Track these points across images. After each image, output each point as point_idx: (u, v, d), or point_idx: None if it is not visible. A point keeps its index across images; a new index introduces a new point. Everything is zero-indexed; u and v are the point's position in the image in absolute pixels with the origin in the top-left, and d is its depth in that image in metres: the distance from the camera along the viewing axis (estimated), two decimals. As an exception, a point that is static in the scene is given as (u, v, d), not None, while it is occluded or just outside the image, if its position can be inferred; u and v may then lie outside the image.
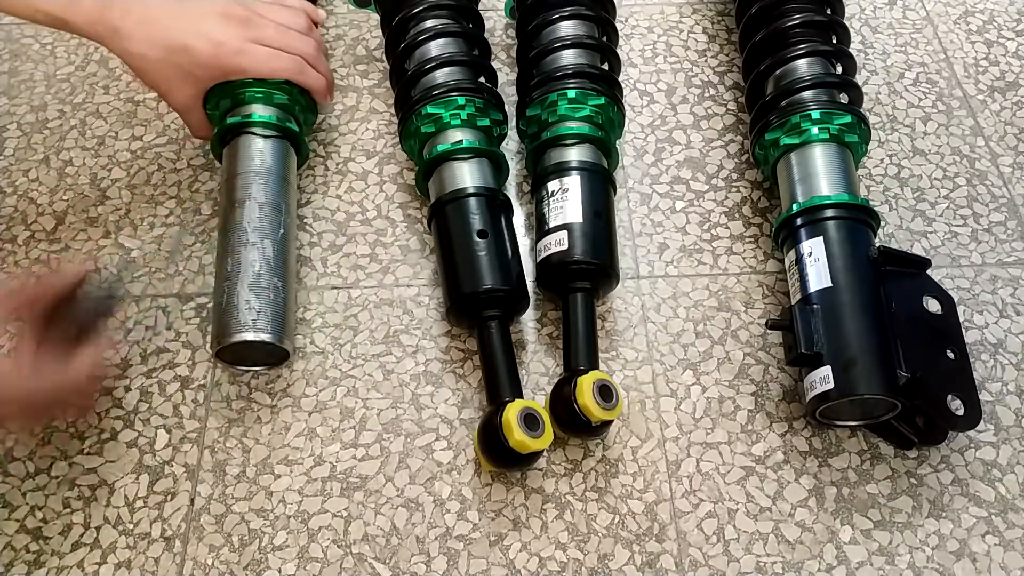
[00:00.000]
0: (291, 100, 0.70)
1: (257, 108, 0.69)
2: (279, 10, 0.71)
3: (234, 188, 0.66)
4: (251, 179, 0.66)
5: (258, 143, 0.68)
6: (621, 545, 0.57)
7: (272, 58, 0.68)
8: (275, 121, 0.69)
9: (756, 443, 0.61)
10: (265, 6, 0.70)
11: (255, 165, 0.67)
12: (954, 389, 0.58)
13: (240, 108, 0.69)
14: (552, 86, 0.69)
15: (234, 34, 0.67)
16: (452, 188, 0.66)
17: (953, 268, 0.69)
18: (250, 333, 0.60)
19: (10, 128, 0.79)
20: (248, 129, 0.68)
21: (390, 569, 0.56)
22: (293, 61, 0.69)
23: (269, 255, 0.63)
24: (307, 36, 0.72)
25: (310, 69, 0.71)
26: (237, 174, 0.66)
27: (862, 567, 0.56)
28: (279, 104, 0.70)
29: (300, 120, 0.72)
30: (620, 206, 0.73)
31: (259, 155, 0.67)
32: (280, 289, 0.62)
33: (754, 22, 0.74)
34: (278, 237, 0.64)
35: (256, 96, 0.69)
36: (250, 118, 0.68)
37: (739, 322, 0.67)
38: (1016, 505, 0.58)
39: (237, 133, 0.68)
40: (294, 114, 0.71)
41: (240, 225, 0.63)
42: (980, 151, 0.77)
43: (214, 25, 0.66)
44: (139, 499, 0.59)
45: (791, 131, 0.67)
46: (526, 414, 0.56)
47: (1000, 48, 0.85)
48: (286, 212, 0.66)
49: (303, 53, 0.70)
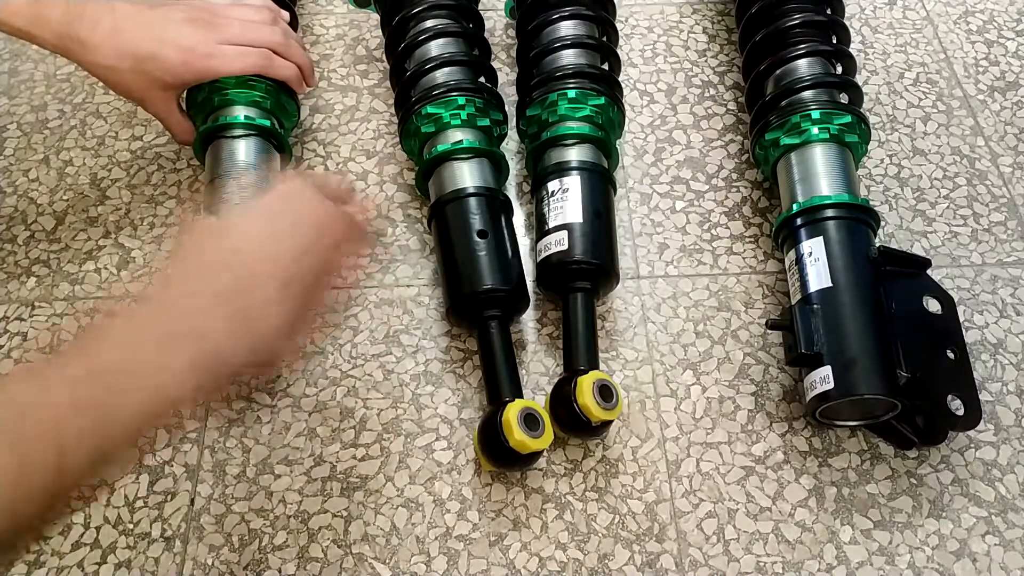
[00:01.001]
0: (264, 95, 0.70)
1: (230, 110, 0.69)
2: (242, 8, 0.71)
3: (215, 192, 0.66)
4: (229, 181, 0.66)
5: (234, 144, 0.68)
6: (621, 545, 0.57)
7: (241, 56, 0.68)
8: (247, 120, 0.69)
9: (756, 443, 0.61)
10: (227, 6, 0.70)
11: (233, 167, 0.67)
12: (954, 389, 0.58)
13: (217, 111, 0.69)
14: (552, 86, 0.69)
15: (201, 38, 0.67)
16: (452, 188, 0.66)
17: (953, 268, 0.69)
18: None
19: (10, 128, 0.79)
20: (223, 133, 0.69)
21: (390, 569, 0.56)
22: (261, 55, 0.69)
23: None
24: (273, 26, 0.71)
25: (279, 60, 0.70)
26: (219, 176, 0.67)
27: (862, 567, 0.56)
28: (252, 102, 0.70)
29: (277, 115, 0.72)
30: (620, 206, 0.73)
31: (234, 156, 0.68)
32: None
33: (754, 22, 0.74)
34: None
35: (227, 98, 0.69)
36: (225, 120, 0.68)
37: (739, 322, 0.67)
38: (1016, 505, 0.58)
39: (214, 136, 0.69)
40: (269, 109, 0.71)
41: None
42: (980, 151, 0.77)
43: (181, 31, 0.66)
44: (139, 499, 0.59)
45: (791, 131, 0.67)
46: (526, 414, 0.56)
47: (1000, 48, 0.85)
48: None
49: (271, 44, 0.70)
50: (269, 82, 0.70)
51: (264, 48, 0.69)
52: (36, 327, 0.67)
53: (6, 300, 0.68)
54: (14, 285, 0.69)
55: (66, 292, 0.69)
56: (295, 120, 0.75)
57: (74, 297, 0.68)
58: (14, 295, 0.68)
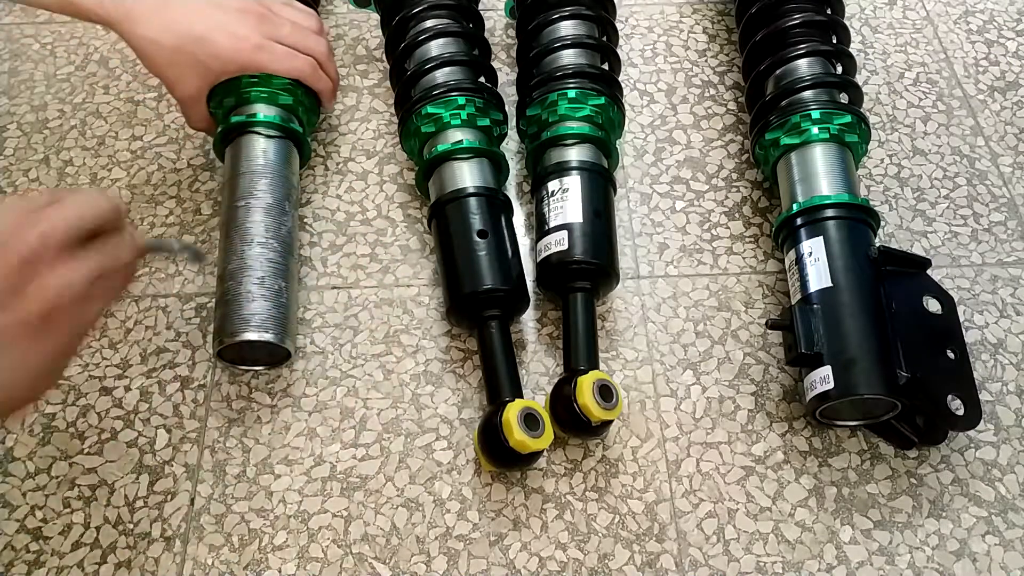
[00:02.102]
0: (295, 101, 0.70)
1: (261, 108, 0.69)
2: (293, 10, 0.71)
3: (237, 187, 0.66)
4: (255, 179, 0.66)
5: (262, 143, 0.68)
6: (621, 545, 0.57)
7: (289, 57, 0.68)
8: (279, 121, 0.68)
9: (756, 443, 0.61)
10: (279, 5, 0.70)
11: (259, 165, 0.67)
12: (954, 389, 0.58)
13: (244, 107, 0.69)
14: (552, 86, 0.69)
15: (253, 29, 0.66)
16: (452, 188, 0.66)
17: (953, 268, 0.69)
18: (253, 333, 0.60)
19: (10, 128, 0.79)
20: (252, 129, 0.68)
21: (390, 569, 0.56)
22: (308, 62, 0.69)
23: (272, 255, 0.63)
24: (320, 37, 0.71)
25: (321, 72, 0.71)
26: (241, 173, 0.66)
27: (862, 567, 0.56)
28: (283, 104, 0.70)
29: (303, 121, 0.72)
30: (620, 206, 0.73)
31: (263, 155, 0.67)
32: (283, 290, 0.62)
33: (754, 22, 0.74)
34: (281, 237, 0.64)
35: (261, 96, 0.69)
36: (255, 117, 0.68)
37: (739, 322, 0.67)
38: (1016, 505, 0.58)
39: (241, 132, 0.68)
40: (298, 115, 0.71)
41: (244, 225, 0.63)
42: (980, 151, 0.77)
43: (233, 18, 0.66)
44: (139, 499, 0.59)
45: (791, 131, 0.67)
46: (526, 414, 0.56)
47: (1000, 48, 0.85)
48: (289, 213, 0.66)
49: (317, 54, 0.70)
50: (304, 88, 0.70)
51: (310, 56, 0.69)
52: (36, 327, 0.67)
53: (6, 300, 0.68)
54: (14, 285, 0.69)
55: (66, 292, 0.68)
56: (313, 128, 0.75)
57: (74, 297, 0.68)
58: (14, 295, 0.68)
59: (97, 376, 0.64)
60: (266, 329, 0.60)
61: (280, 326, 0.61)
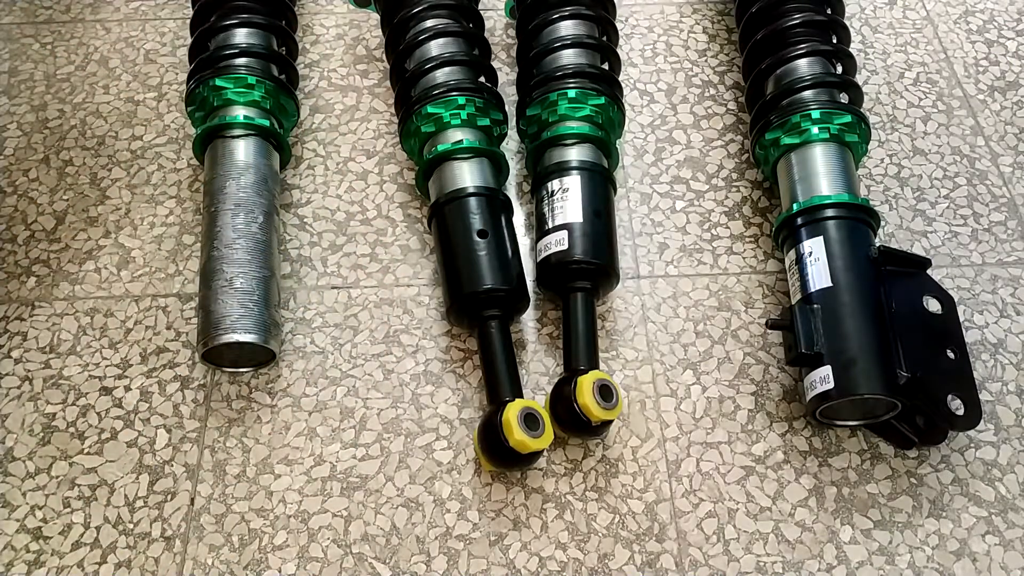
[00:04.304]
0: (264, 96, 0.70)
1: (231, 110, 0.69)
2: None
3: (212, 191, 0.66)
4: (223, 181, 0.66)
5: (233, 144, 0.68)
6: (621, 545, 0.57)
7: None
8: (247, 120, 0.69)
9: (756, 443, 0.61)
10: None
11: (231, 166, 0.67)
12: (954, 389, 0.58)
13: (216, 111, 0.70)
14: (552, 86, 0.69)
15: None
16: (452, 188, 0.66)
17: (953, 268, 0.69)
18: (230, 335, 0.60)
19: (10, 128, 0.79)
20: (223, 132, 0.69)
21: (390, 569, 0.56)
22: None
23: (246, 255, 0.63)
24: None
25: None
26: (215, 177, 0.67)
27: (862, 567, 0.56)
28: (251, 102, 0.70)
29: (277, 115, 0.72)
30: (620, 206, 0.73)
31: (233, 155, 0.68)
32: (260, 288, 0.62)
33: (754, 22, 0.74)
34: (256, 236, 0.64)
35: (227, 98, 0.69)
36: (223, 120, 0.69)
37: (739, 322, 0.67)
38: (1016, 505, 0.58)
39: (214, 136, 0.69)
40: (269, 110, 0.71)
41: (212, 229, 0.64)
42: (980, 151, 0.77)
43: None
44: (139, 499, 0.59)
45: (791, 131, 0.67)
46: (526, 414, 0.56)
47: (1000, 48, 0.85)
48: (266, 211, 0.66)
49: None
50: (269, 83, 0.70)
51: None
52: (36, 327, 0.67)
53: (6, 300, 0.68)
54: (14, 285, 0.69)
55: (66, 292, 0.69)
56: (295, 120, 0.75)
57: (74, 297, 0.68)
58: (14, 295, 0.68)
59: (97, 376, 0.64)
60: (244, 330, 0.60)
61: (259, 326, 0.61)
